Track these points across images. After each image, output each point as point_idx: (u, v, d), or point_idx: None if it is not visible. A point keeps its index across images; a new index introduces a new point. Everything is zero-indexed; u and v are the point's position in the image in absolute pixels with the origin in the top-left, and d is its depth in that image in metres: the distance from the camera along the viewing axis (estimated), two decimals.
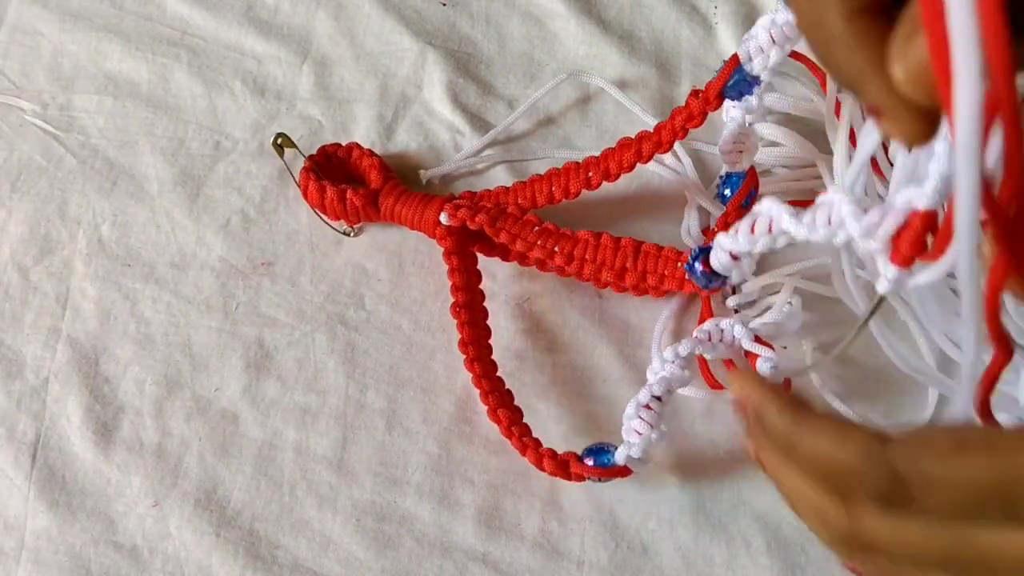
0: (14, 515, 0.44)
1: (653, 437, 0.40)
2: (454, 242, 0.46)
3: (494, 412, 0.43)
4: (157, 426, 0.45)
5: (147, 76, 0.54)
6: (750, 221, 0.35)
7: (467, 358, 0.44)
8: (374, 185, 0.48)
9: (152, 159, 0.52)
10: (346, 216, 0.48)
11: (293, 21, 0.56)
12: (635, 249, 0.44)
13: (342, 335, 0.47)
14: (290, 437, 0.45)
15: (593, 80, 0.52)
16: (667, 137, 0.44)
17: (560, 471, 0.42)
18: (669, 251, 0.44)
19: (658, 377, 0.41)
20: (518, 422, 0.43)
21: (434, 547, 0.43)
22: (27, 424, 0.45)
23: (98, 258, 0.49)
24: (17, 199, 0.51)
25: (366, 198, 0.47)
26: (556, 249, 0.45)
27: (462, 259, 0.46)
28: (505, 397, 0.44)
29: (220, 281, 0.49)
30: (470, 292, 0.46)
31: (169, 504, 0.44)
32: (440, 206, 0.46)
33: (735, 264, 0.38)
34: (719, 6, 0.56)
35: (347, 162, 0.50)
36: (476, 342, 0.45)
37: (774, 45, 0.38)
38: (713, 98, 0.42)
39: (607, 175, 0.46)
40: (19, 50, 0.55)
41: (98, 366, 0.47)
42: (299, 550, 0.43)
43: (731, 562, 0.42)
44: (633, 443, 0.40)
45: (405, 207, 0.47)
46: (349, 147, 0.50)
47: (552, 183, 0.47)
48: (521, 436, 0.42)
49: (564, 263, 0.45)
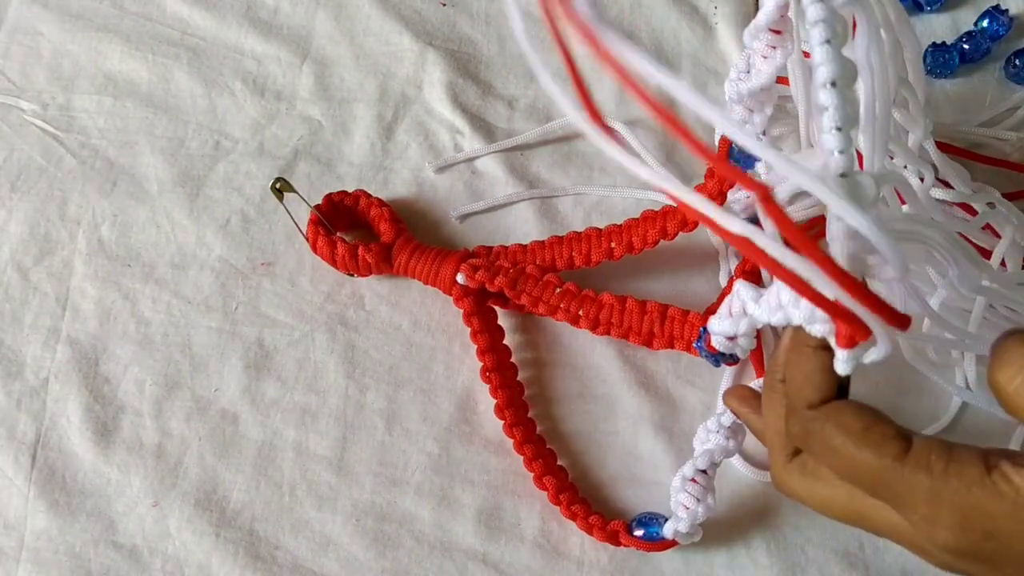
0: (14, 515, 0.44)
1: (700, 512, 0.40)
2: (472, 303, 0.45)
3: (539, 480, 0.43)
4: (157, 426, 0.45)
5: (147, 76, 0.54)
6: (727, 304, 0.35)
7: (506, 424, 0.44)
8: (385, 239, 0.47)
9: (152, 159, 0.52)
10: (356, 270, 0.47)
11: (293, 21, 0.56)
12: (661, 315, 0.43)
13: (342, 335, 0.47)
14: (290, 437, 0.45)
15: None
16: (692, 216, 0.42)
17: (610, 541, 0.41)
18: (695, 317, 0.43)
19: (703, 450, 0.40)
20: (567, 488, 0.43)
21: (434, 547, 0.43)
22: (27, 424, 0.45)
23: (98, 258, 0.49)
24: (17, 199, 0.51)
25: (379, 255, 0.46)
26: (581, 313, 0.44)
27: (483, 319, 0.45)
28: (549, 460, 0.43)
29: (220, 281, 0.49)
30: (496, 353, 0.45)
31: (169, 504, 0.44)
32: (456, 265, 0.45)
33: (734, 343, 0.37)
34: (719, 6, 0.56)
35: (354, 210, 0.48)
36: (512, 405, 0.44)
37: (752, 113, 0.37)
38: (724, 180, 0.40)
39: (630, 249, 0.44)
40: (19, 50, 0.55)
41: (98, 366, 0.47)
42: (299, 550, 0.43)
43: (731, 562, 0.42)
44: (681, 517, 0.40)
45: (420, 263, 0.46)
46: (356, 195, 0.48)
47: (573, 249, 0.45)
48: (570, 504, 0.42)
49: (590, 327, 0.44)
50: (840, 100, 0.25)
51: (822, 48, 0.25)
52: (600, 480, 0.44)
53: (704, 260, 0.49)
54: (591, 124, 0.24)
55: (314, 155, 0.52)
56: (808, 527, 0.43)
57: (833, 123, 0.25)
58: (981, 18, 0.53)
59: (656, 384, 0.46)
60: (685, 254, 0.48)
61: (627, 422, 0.45)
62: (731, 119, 0.28)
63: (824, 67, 0.25)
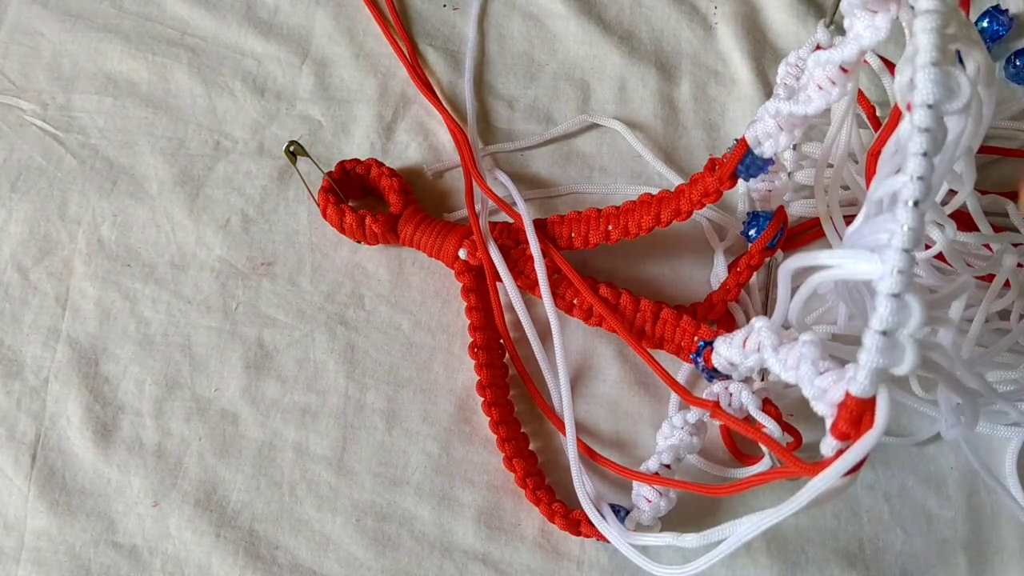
0: (14, 515, 0.44)
1: (661, 505, 0.40)
2: (472, 279, 0.46)
3: (509, 461, 0.43)
4: (157, 426, 0.45)
5: (147, 76, 0.54)
6: (744, 335, 0.35)
7: (485, 401, 0.44)
8: (394, 209, 0.47)
9: (152, 159, 0.52)
10: (364, 239, 0.48)
11: (293, 21, 0.56)
12: (654, 314, 0.43)
13: (342, 335, 0.47)
14: (290, 437, 0.45)
15: (610, 124, 0.52)
16: (685, 207, 0.42)
17: (571, 529, 0.41)
18: (687, 322, 0.43)
19: (667, 445, 0.41)
20: (534, 473, 0.43)
21: (434, 547, 0.43)
22: (27, 424, 0.45)
23: (98, 258, 0.49)
24: (17, 199, 0.51)
25: (386, 225, 0.47)
26: (575, 302, 0.44)
27: (480, 297, 0.46)
28: (521, 443, 0.44)
29: (220, 281, 0.49)
30: (488, 332, 0.45)
31: (169, 504, 0.44)
32: (459, 240, 0.46)
33: (734, 368, 0.37)
34: (719, 6, 0.56)
35: (366, 178, 0.49)
36: (494, 384, 0.44)
37: (781, 132, 0.36)
38: (727, 179, 0.40)
39: (626, 232, 0.44)
40: (19, 50, 0.55)
41: (98, 366, 0.47)
42: (299, 550, 0.43)
43: (731, 562, 0.42)
44: (643, 510, 0.40)
45: (425, 236, 0.47)
46: (368, 164, 0.49)
47: (572, 229, 0.45)
48: (535, 489, 0.42)
49: (584, 317, 0.44)
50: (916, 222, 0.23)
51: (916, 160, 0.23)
52: None
53: (698, 247, 0.49)
54: None
55: (314, 155, 0.52)
56: (808, 527, 0.43)
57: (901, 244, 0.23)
58: (981, 18, 0.53)
59: (657, 382, 0.46)
60: (680, 239, 0.49)
61: (624, 416, 0.45)
62: None
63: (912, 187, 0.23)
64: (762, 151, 0.37)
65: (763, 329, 0.33)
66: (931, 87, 0.23)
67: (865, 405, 0.25)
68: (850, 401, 0.25)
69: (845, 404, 0.25)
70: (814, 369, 0.27)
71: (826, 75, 0.32)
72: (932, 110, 0.23)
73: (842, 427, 0.26)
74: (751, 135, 0.37)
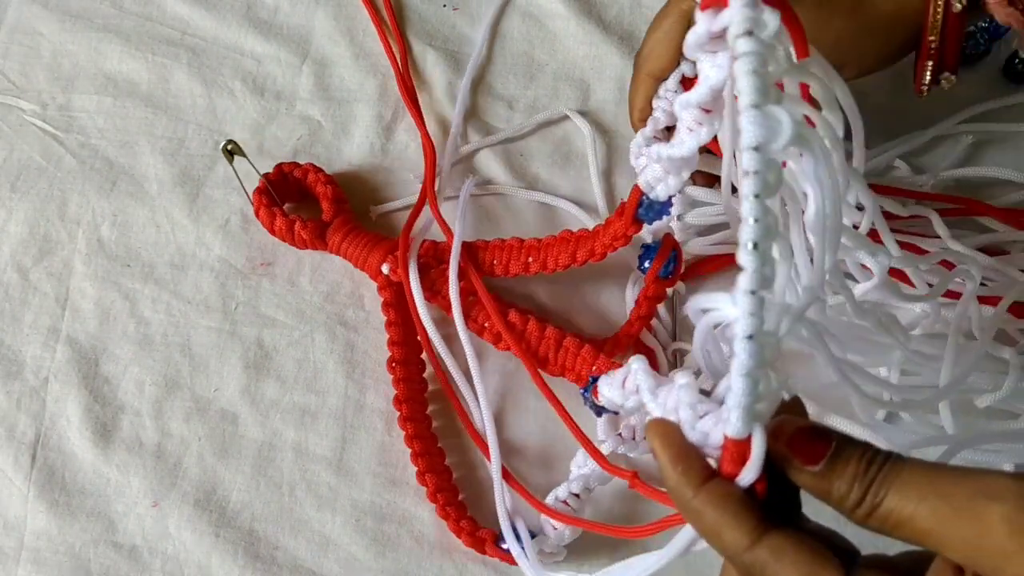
0: (14, 515, 0.44)
1: (567, 534, 0.40)
2: (393, 294, 0.46)
3: (422, 475, 0.43)
4: (157, 426, 0.45)
5: (147, 76, 0.54)
6: (623, 375, 0.35)
7: (400, 416, 0.44)
8: (325, 217, 0.48)
9: (152, 159, 0.52)
10: (293, 243, 0.48)
11: (293, 21, 0.56)
12: (557, 342, 0.44)
13: (341, 335, 0.47)
14: (290, 437, 0.45)
15: (577, 120, 0.51)
16: (599, 249, 0.43)
17: (476, 547, 0.41)
18: (587, 351, 0.43)
19: (579, 474, 0.41)
20: (445, 489, 0.43)
21: (434, 547, 0.43)
22: (27, 424, 0.45)
23: (98, 258, 0.49)
24: (17, 199, 0.51)
25: (315, 231, 0.47)
26: (486, 325, 0.45)
27: (400, 312, 0.46)
28: (436, 458, 0.44)
29: (219, 281, 0.49)
30: (407, 347, 0.45)
31: (169, 504, 0.44)
32: (384, 254, 0.46)
33: (618, 407, 0.37)
34: None
35: (303, 183, 0.49)
36: (410, 399, 0.44)
37: (668, 175, 0.37)
38: (630, 224, 0.41)
39: (544, 267, 0.45)
40: (19, 50, 0.55)
41: (98, 366, 0.47)
42: (299, 550, 0.43)
43: None
44: (548, 537, 0.41)
45: (352, 247, 0.47)
46: (305, 169, 0.49)
47: (494, 257, 0.45)
48: (445, 505, 0.42)
49: (493, 341, 0.45)
50: (757, 264, 0.23)
51: (749, 203, 0.23)
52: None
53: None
54: None
55: (314, 155, 0.52)
56: None
57: (748, 286, 0.23)
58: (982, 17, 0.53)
59: None
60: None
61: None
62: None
63: (748, 229, 0.23)
64: (656, 195, 0.38)
65: (639, 371, 0.33)
66: (754, 129, 0.23)
67: (745, 444, 0.25)
68: (729, 443, 0.25)
69: (726, 447, 0.25)
70: (693, 413, 0.27)
71: (691, 117, 0.32)
72: (759, 152, 0.23)
73: (727, 469, 0.25)
74: (643, 181, 0.38)
